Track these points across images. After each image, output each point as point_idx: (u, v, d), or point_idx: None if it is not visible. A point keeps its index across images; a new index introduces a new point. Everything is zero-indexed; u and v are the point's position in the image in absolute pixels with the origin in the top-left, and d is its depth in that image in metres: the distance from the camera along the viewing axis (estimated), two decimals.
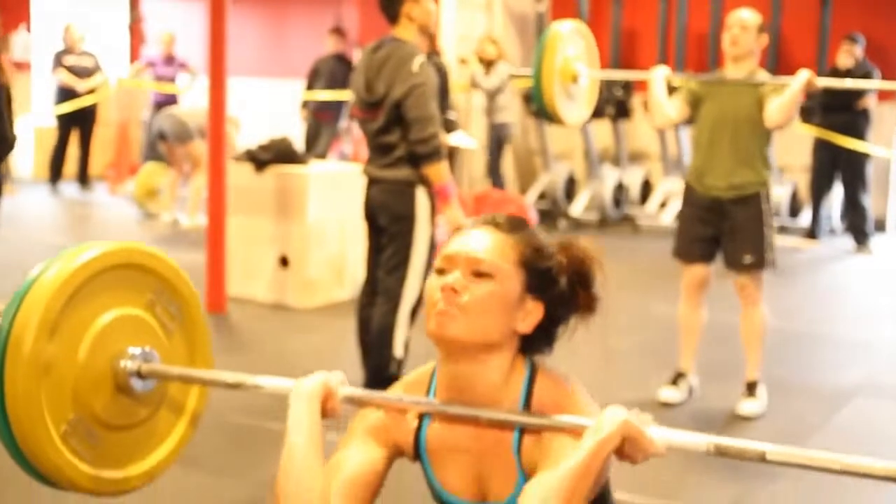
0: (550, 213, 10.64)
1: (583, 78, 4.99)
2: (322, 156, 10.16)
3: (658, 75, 4.97)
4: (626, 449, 1.72)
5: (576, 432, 1.76)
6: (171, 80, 11.69)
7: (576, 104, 5.09)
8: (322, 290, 6.76)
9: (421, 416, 1.92)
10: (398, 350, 4.60)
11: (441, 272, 1.85)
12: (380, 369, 4.61)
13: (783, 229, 9.77)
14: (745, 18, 4.79)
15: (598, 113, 10.60)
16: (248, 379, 2.03)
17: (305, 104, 10.88)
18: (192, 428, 2.19)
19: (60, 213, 11.23)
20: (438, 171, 4.52)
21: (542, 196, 10.84)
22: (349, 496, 1.85)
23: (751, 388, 4.94)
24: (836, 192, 9.93)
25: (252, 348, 5.99)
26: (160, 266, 2.13)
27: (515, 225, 1.89)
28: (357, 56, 8.47)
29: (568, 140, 11.04)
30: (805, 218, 10.17)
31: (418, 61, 4.51)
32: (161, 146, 9.90)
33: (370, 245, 4.79)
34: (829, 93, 9.00)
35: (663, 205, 10.62)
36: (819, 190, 9.73)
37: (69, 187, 12.11)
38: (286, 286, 6.75)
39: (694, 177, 4.94)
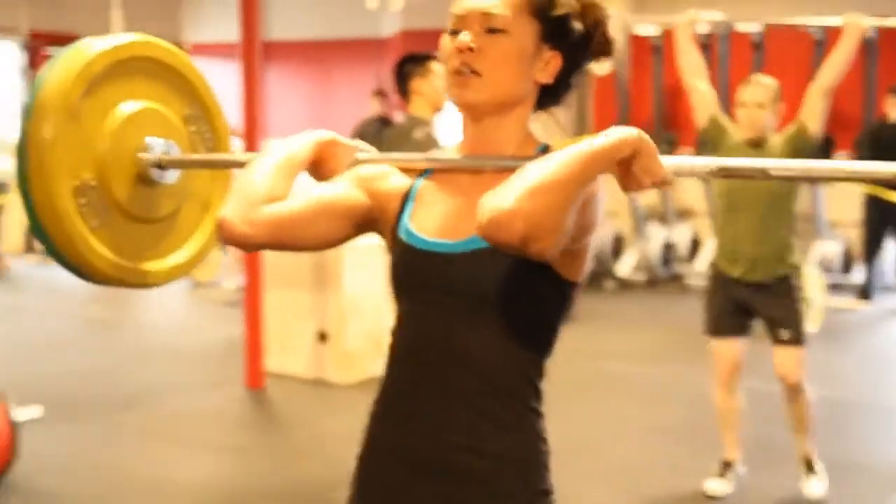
0: (597, 274, 10.51)
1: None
2: None
3: (684, 20, 4.78)
4: (636, 165, 1.60)
5: None
6: None
7: None
8: (361, 364, 6.68)
9: (422, 172, 1.90)
10: None
11: (454, 33, 1.82)
12: None
13: (835, 287, 9.58)
14: (759, 95, 4.46)
15: None
16: (257, 155, 1.95)
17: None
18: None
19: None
20: None
21: None
22: (309, 205, 1.81)
23: (809, 466, 4.69)
24: (890, 249, 9.72)
25: (290, 428, 5.92)
26: (206, 93, 2.16)
27: None
28: (398, 118, 8.48)
29: (614, 198, 10.92)
30: (857, 275, 9.96)
31: (421, 131, 4.55)
32: None
33: None
34: (879, 140, 8.84)
35: None
36: (871, 246, 9.52)
37: None
38: (324, 361, 6.68)
39: (717, 254, 4.68)
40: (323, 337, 6.69)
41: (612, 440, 5.52)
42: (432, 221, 1.84)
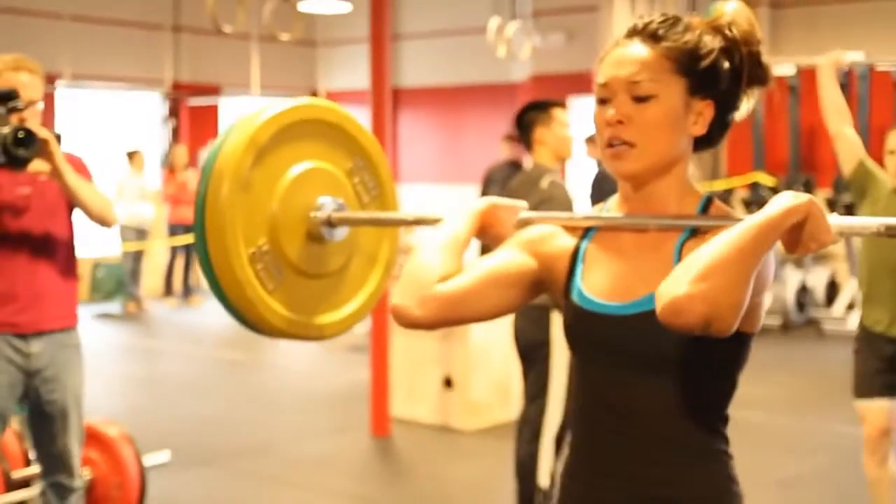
0: None
1: None
2: None
3: (827, 61, 4.42)
4: (806, 231, 1.58)
5: None
6: None
7: None
8: (487, 412, 6.65)
9: (586, 231, 1.88)
10: (543, 480, 4.49)
11: (602, 102, 1.79)
12: (525, 501, 4.49)
13: None
14: None
15: None
16: (429, 216, 2.06)
17: None
18: (385, 279, 2.26)
19: (238, 326, 11.49)
20: None
21: None
22: (478, 278, 1.83)
23: None
24: None
25: (415, 476, 5.91)
26: (368, 142, 2.22)
27: (664, 28, 1.78)
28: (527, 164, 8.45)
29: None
30: None
31: (547, 179, 4.49)
32: None
33: (522, 373, 4.70)
34: None
35: (850, 307, 10.15)
36: None
37: None
38: (450, 408, 6.68)
39: (864, 308, 4.37)
40: (449, 383, 6.69)
41: (744, 493, 5.36)
42: (602, 283, 1.82)
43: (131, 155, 11.78)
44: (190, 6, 13.50)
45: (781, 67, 10.22)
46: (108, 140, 13.57)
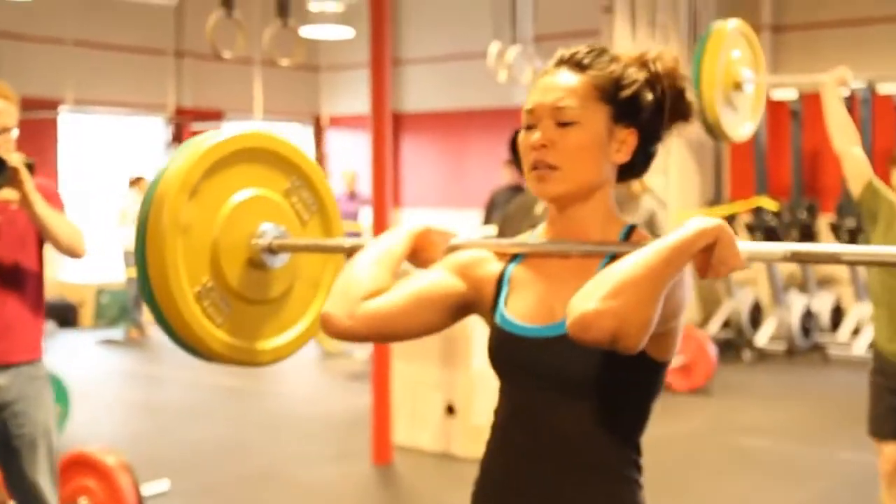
0: (734, 343, 10.26)
1: (748, 84, 4.39)
2: None
3: (831, 78, 4.31)
4: (715, 255, 1.63)
5: None
6: (354, 216, 11.90)
7: (740, 115, 4.46)
8: None
9: (513, 256, 1.92)
10: None
11: (529, 128, 1.85)
12: None
13: None
14: None
15: (781, 237, 10.28)
16: (364, 241, 2.07)
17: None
18: None
19: None
20: None
21: (725, 325, 10.48)
22: (407, 297, 1.86)
23: None
24: None
25: (418, 503, 5.86)
26: (299, 158, 2.22)
27: (590, 58, 1.85)
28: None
29: (751, 266, 10.67)
30: None
31: (541, 205, 4.47)
32: None
33: None
34: None
35: (856, 332, 10.10)
36: None
37: None
38: (452, 435, 6.63)
39: (876, 336, 4.24)
40: (451, 410, 6.64)
41: None
42: (524, 306, 1.86)
43: (135, 180, 11.77)
44: (192, 31, 13.53)
45: (783, 91, 10.21)
46: (111, 165, 13.59)
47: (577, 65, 1.84)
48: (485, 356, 6.05)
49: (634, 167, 1.89)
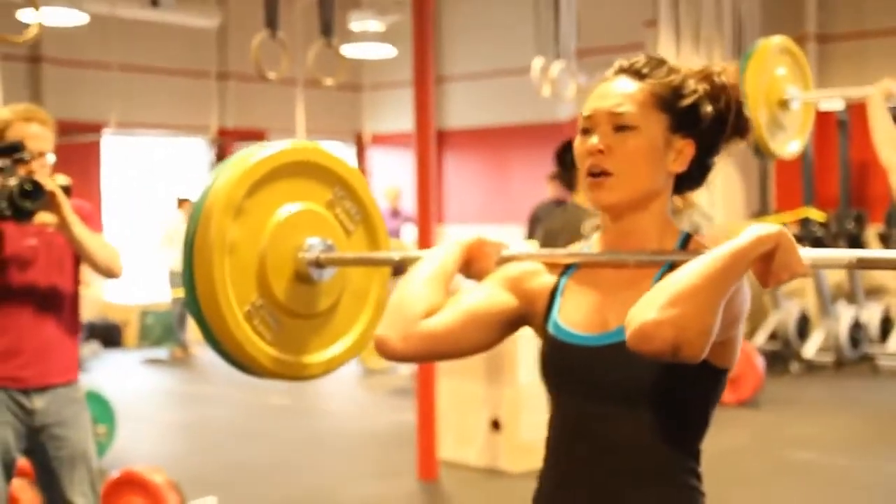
0: (781, 355, 10.14)
1: (794, 102, 4.38)
2: None
3: (877, 91, 4.28)
4: (776, 261, 1.60)
5: None
6: (397, 234, 11.91)
7: (788, 133, 4.44)
8: (535, 454, 6.51)
9: (566, 268, 1.91)
10: None
11: (585, 132, 1.84)
12: None
13: None
14: None
15: (829, 247, 10.17)
16: (413, 253, 2.07)
17: None
18: (377, 316, 2.25)
19: None
20: None
21: (772, 336, 10.37)
22: (461, 315, 1.86)
23: None
24: None
25: None
26: (341, 169, 2.22)
27: (649, 67, 1.85)
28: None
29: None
30: None
31: (589, 224, 4.43)
32: None
33: None
34: None
35: None
36: None
37: None
38: (498, 450, 6.60)
39: None
40: (497, 426, 6.62)
41: None
42: (578, 315, 1.85)
43: (181, 202, 11.85)
44: (235, 53, 13.63)
45: (830, 102, 10.11)
46: (155, 187, 13.70)
47: (636, 73, 1.84)
48: (531, 371, 6.02)
49: (691, 178, 1.88)
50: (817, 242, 10.10)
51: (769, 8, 10.86)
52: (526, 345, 6.59)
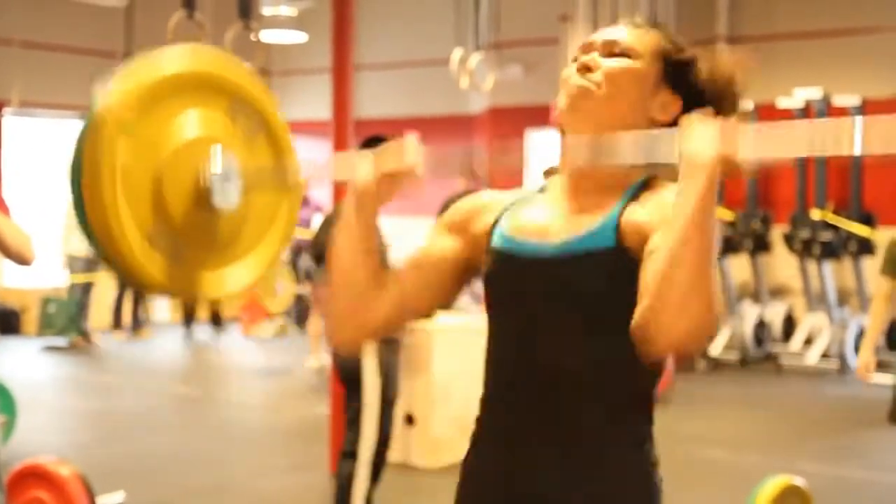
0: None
1: None
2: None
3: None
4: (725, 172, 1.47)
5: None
6: (308, 223, 11.77)
7: None
8: (448, 450, 6.51)
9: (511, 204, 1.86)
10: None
11: (574, 61, 1.81)
12: None
13: None
14: None
15: (735, 247, 10.32)
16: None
17: None
18: (285, 242, 2.19)
19: (190, 359, 11.30)
20: None
21: None
22: (409, 277, 1.83)
23: None
24: None
25: None
26: (243, 80, 2.15)
27: (654, 24, 1.86)
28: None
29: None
30: None
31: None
32: (308, 287, 9.97)
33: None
34: None
35: (808, 342, 10.15)
36: None
37: (204, 329, 12.25)
38: (411, 445, 6.54)
39: None
40: (410, 420, 6.55)
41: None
42: (526, 225, 1.79)
43: None
44: (142, 33, 13.32)
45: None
46: (56, 169, 13.33)
47: (641, 24, 1.85)
48: (445, 365, 5.97)
49: None
50: (725, 241, 10.23)
51: (683, 8, 10.96)
52: (440, 338, 6.54)
